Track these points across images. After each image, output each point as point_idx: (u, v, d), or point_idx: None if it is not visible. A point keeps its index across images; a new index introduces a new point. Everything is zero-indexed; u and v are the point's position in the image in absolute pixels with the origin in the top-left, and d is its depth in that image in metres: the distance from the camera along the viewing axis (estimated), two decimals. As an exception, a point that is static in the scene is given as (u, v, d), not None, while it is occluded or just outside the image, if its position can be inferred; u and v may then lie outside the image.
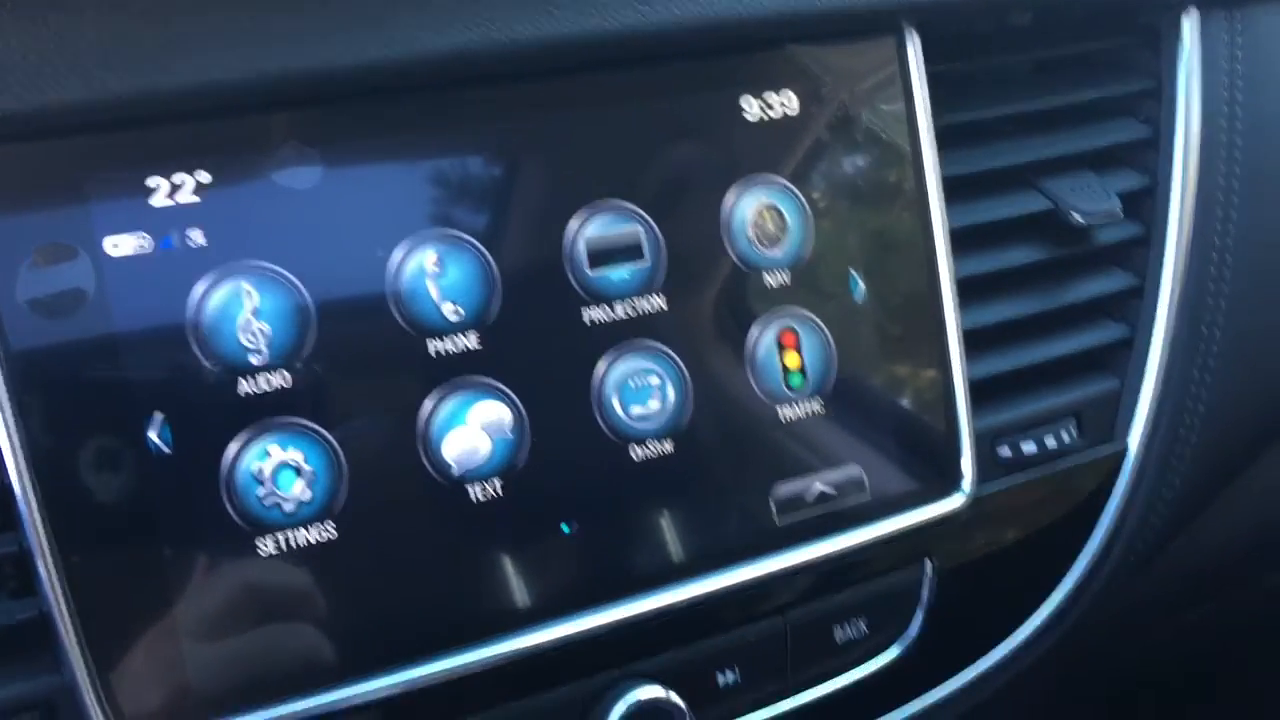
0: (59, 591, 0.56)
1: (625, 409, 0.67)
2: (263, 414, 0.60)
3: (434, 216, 0.63)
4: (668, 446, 0.68)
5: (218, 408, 0.59)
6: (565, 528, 0.65)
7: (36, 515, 0.55)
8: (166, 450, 0.58)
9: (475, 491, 0.63)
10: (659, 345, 0.68)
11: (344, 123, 0.61)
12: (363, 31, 0.59)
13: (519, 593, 0.64)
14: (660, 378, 0.68)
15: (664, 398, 0.68)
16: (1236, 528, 0.96)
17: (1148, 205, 0.85)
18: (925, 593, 0.76)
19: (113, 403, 0.57)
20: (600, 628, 0.65)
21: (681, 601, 0.67)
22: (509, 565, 0.64)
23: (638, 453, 0.67)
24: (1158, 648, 1.14)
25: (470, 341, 0.63)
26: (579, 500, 0.66)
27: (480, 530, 0.64)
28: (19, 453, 0.55)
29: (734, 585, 0.69)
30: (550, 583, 0.65)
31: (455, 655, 0.63)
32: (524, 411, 0.64)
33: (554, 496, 0.65)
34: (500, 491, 0.64)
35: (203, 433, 0.59)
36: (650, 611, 0.66)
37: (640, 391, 0.67)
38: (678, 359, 0.68)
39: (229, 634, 0.59)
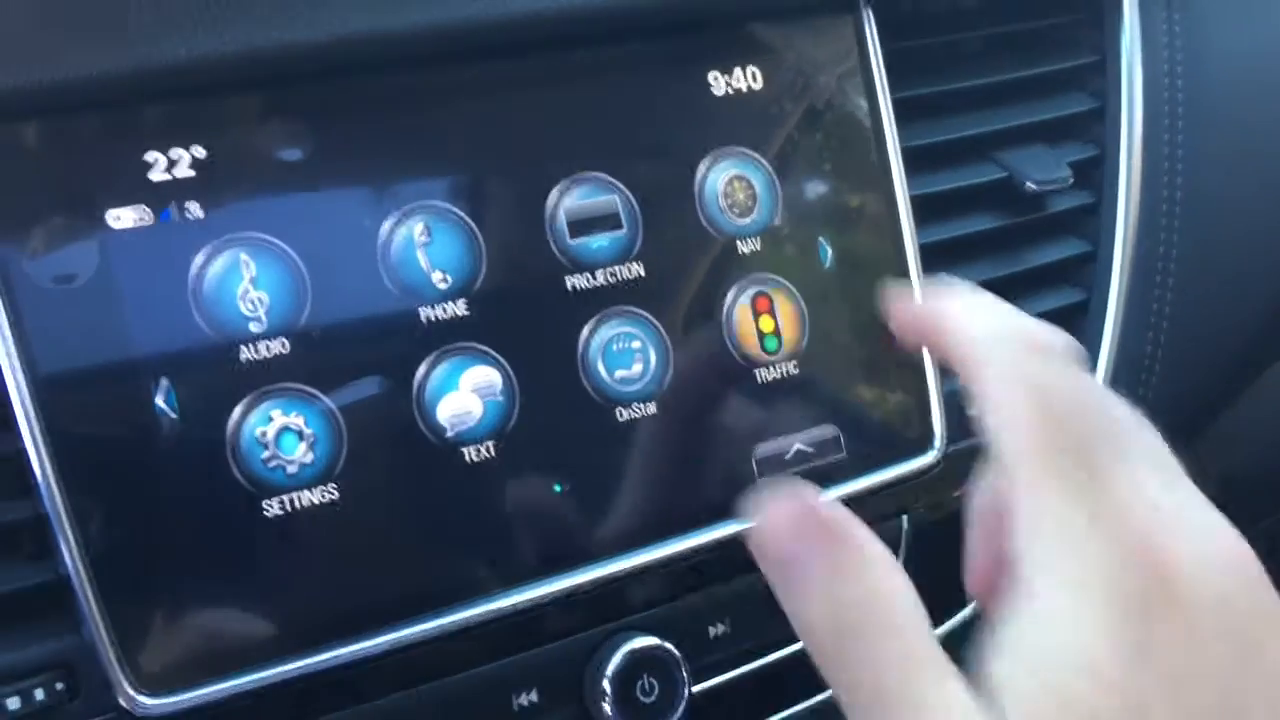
0: (76, 554, 0.58)
1: (609, 373, 0.69)
2: (264, 380, 0.62)
3: (421, 189, 0.66)
4: (651, 409, 0.70)
5: (221, 374, 0.61)
6: (557, 487, 0.68)
7: (53, 482, 0.57)
8: (174, 416, 0.60)
9: (469, 453, 0.66)
10: (639, 311, 0.70)
11: (332, 98, 0.64)
12: (346, 6, 0.62)
13: (515, 550, 0.67)
14: (642, 342, 0.70)
15: (646, 362, 0.70)
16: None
17: (1097, 174, 0.88)
18: (903, 547, 0.78)
19: (121, 372, 0.59)
20: (594, 582, 0.68)
21: (670, 556, 0.70)
22: (505, 523, 0.67)
23: (623, 414, 0.69)
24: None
25: (460, 309, 0.66)
26: (569, 461, 0.68)
27: (475, 490, 0.66)
28: (35, 424, 0.57)
29: (720, 540, 0.71)
30: (544, 540, 0.68)
31: (456, 611, 0.65)
32: (513, 375, 0.67)
33: (545, 457, 0.68)
34: (493, 453, 0.66)
35: (208, 398, 0.61)
36: (640, 566, 0.69)
37: (623, 355, 0.70)
38: (658, 324, 0.71)
39: (241, 591, 0.61)
